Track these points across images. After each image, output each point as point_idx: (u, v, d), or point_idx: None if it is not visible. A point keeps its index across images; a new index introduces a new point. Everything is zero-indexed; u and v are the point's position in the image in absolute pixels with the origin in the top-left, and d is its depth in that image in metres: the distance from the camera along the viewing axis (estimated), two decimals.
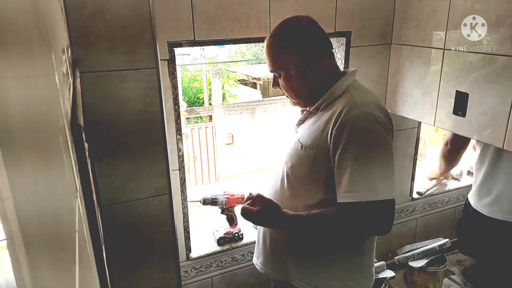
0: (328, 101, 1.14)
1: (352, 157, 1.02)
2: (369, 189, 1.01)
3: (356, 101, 1.07)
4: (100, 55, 1.07)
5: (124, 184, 1.20)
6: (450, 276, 2.38)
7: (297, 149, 1.16)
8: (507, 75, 1.38)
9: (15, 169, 0.26)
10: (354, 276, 1.22)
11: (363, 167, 1.02)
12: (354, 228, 1.09)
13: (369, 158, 1.03)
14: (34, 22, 0.42)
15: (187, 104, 10.12)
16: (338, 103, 1.10)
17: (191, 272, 1.78)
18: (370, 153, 1.03)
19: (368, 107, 1.06)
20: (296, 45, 1.14)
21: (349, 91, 1.12)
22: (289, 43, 1.14)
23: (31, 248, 0.27)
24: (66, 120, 0.56)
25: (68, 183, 0.48)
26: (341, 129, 1.03)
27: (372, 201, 1.01)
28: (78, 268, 0.43)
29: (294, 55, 1.13)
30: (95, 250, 0.66)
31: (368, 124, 1.04)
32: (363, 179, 1.02)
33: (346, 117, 1.03)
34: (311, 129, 1.14)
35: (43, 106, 0.40)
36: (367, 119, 1.04)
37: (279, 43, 1.16)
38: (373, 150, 1.04)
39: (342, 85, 1.14)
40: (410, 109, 1.87)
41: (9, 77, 0.28)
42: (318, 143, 1.10)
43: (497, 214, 1.89)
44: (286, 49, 1.14)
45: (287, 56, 1.14)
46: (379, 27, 1.85)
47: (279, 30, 1.18)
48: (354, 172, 1.02)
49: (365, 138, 1.04)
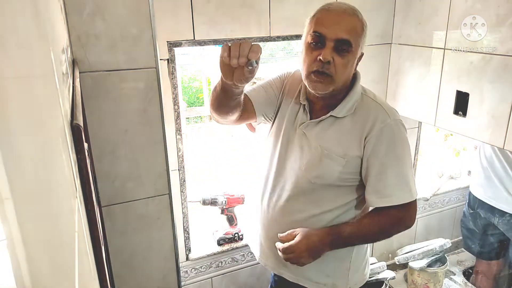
0: (351, 105, 1.12)
1: (392, 163, 1.09)
2: (406, 191, 1.11)
3: (384, 109, 1.11)
4: (99, 55, 1.07)
5: (124, 184, 1.20)
6: (451, 277, 2.38)
7: (321, 158, 1.11)
8: (507, 75, 1.38)
9: (15, 169, 0.26)
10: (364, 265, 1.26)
11: (401, 172, 1.11)
12: (390, 229, 1.17)
13: (405, 163, 1.11)
14: (34, 22, 0.42)
15: (187, 104, 10.11)
16: (365, 110, 1.12)
17: (191, 272, 1.78)
18: (405, 159, 1.11)
19: (396, 115, 1.12)
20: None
21: (367, 96, 1.15)
22: (365, 25, 1.09)
23: (30, 248, 0.27)
24: (65, 120, 0.56)
25: (67, 183, 0.48)
26: (377, 137, 1.08)
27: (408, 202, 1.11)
28: (77, 268, 0.42)
29: (365, 40, 1.10)
30: (95, 250, 0.66)
31: (400, 132, 1.11)
32: (401, 184, 1.11)
33: (381, 125, 1.08)
34: (338, 136, 1.11)
35: (42, 106, 0.40)
36: (399, 126, 1.11)
37: (366, 26, 1.09)
38: (406, 155, 1.12)
39: (358, 88, 1.15)
40: (410, 109, 1.87)
41: (9, 77, 0.28)
42: (349, 151, 1.10)
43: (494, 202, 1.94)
44: (366, 35, 1.09)
45: (364, 41, 1.10)
46: (379, 27, 1.84)
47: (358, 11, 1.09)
48: (393, 177, 1.10)
49: (400, 145, 1.11)
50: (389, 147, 1.09)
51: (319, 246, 1.11)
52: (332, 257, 1.18)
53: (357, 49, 1.06)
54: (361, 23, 1.06)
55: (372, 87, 1.93)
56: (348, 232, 1.13)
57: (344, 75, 1.06)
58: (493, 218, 1.97)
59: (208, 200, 1.70)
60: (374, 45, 1.87)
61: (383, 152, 1.09)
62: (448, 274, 2.37)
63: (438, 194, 2.42)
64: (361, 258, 1.25)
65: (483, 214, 2.03)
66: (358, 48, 1.06)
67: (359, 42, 1.06)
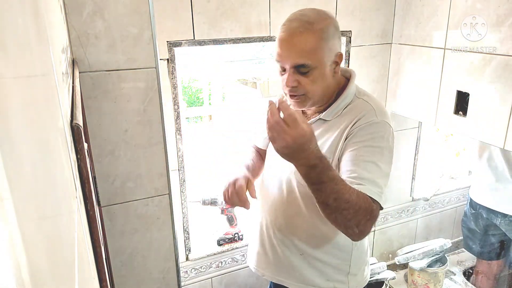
0: (342, 107, 1.09)
1: (367, 156, 0.99)
2: (375, 191, 0.96)
3: (374, 108, 1.06)
4: (99, 55, 1.07)
5: (123, 184, 1.20)
6: (451, 277, 2.38)
7: None
8: (507, 75, 1.38)
9: (15, 169, 0.26)
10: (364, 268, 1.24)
11: (375, 170, 0.98)
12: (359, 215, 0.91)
13: (381, 164, 1.00)
14: (34, 22, 0.42)
15: (187, 104, 10.13)
16: (354, 110, 1.07)
17: (190, 272, 1.78)
18: (381, 160, 1.00)
19: (385, 116, 1.06)
20: (339, 33, 1.05)
21: (360, 98, 1.10)
22: (336, 30, 1.03)
23: (30, 248, 0.27)
24: (65, 120, 0.56)
25: (67, 183, 0.48)
26: (360, 129, 1.02)
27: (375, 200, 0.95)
28: (77, 268, 0.42)
29: (337, 45, 1.04)
30: (95, 250, 0.66)
31: (384, 131, 1.03)
32: (372, 180, 0.96)
33: (365, 121, 1.03)
34: (325, 138, 1.09)
35: (42, 106, 0.40)
36: (384, 126, 1.04)
37: (328, 31, 1.01)
38: (382, 156, 1.01)
39: (352, 90, 1.10)
40: (410, 109, 1.87)
41: (8, 77, 0.28)
42: (334, 151, 1.06)
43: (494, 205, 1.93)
44: (333, 37, 1.02)
45: (333, 46, 1.02)
46: (379, 27, 1.84)
47: (320, 15, 1.02)
48: (366, 169, 0.97)
49: (378, 143, 1.01)
50: (369, 141, 1.00)
51: (304, 154, 0.85)
52: (331, 260, 1.18)
53: (320, 63, 1.01)
54: (320, 33, 0.99)
55: (372, 87, 1.94)
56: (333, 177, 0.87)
57: (318, 89, 1.04)
58: (495, 218, 1.97)
59: (208, 201, 1.70)
60: (374, 45, 1.87)
61: (361, 143, 1.00)
62: (448, 274, 2.37)
63: (438, 194, 2.42)
64: (361, 262, 1.24)
65: (485, 215, 2.02)
66: (321, 61, 1.01)
67: (320, 56, 1.00)
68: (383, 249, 2.35)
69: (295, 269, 1.21)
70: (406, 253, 2.26)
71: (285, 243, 1.20)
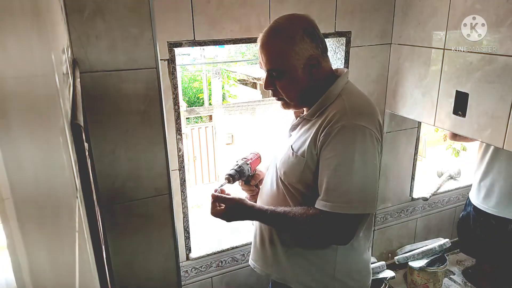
0: (322, 107, 1.09)
1: (331, 167, 1.02)
2: (342, 201, 1.01)
3: (347, 109, 1.03)
4: (100, 55, 1.07)
5: (124, 184, 1.20)
6: (450, 276, 2.38)
7: (289, 156, 1.13)
8: (507, 75, 1.38)
9: (15, 169, 0.26)
10: (354, 275, 1.22)
11: (339, 178, 1.01)
12: (317, 234, 1.10)
13: (348, 170, 1.01)
14: (34, 22, 0.42)
15: (187, 104, 10.13)
16: (329, 110, 1.06)
17: (191, 272, 1.78)
18: (349, 165, 1.01)
19: (358, 117, 1.03)
20: (312, 37, 1.06)
21: (342, 96, 1.08)
22: (305, 34, 1.05)
23: (31, 248, 0.27)
24: (66, 120, 0.56)
25: (68, 183, 0.48)
26: (327, 137, 1.02)
27: (341, 213, 1.01)
28: (77, 268, 0.43)
29: (309, 48, 1.06)
30: (95, 250, 0.66)
31: (354, 136, 1.01)
32: (337, 191, 1.01)
33: (335, 126, 1.01)
34: (304, 136, 1.10)
35: (43, 106, 0.40)
36: (354, 130, 1.01)
37: (295, 36, 1.04)
38: (353, 162, 1.01)
39: (335, 89, 1.10)
40: (410, 109, 1.87)
41: (9, 77, 0.28)
42: (309, 150, 1.07)
43: (494, 210, 1.90)
44: (301, 41, 1.05)
45: (301, 50, 1.05)
46: (379, 27, 1.85)
47: (290, 21, 1.08)
48: (331, 182, 1.02)
49: (347, 149, 1.01)
50: (333, 149, 1.01)
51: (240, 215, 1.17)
52: (315, 260, 1.17)
53: (289, 67, 1.06)
54: (285, 38, 1.05)
55: (371, 87, 1.94)
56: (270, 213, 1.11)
57: (293, 93, 1.11)
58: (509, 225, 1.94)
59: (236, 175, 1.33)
60: (374, 45, 1.87)
61: (327, 153, 1.03)
62: (447, 273, 2.37)
63: (438, 194, 2.42)
64: (351, 269, 1.20)
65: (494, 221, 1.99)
66: (290, 65, 1.06)
67: (286, 60, 1.05)
68: (383, 248, 2.36)
69: (280, 264, 1.21)
70: (405, 253, 2.26)
71: (272, 238, 1.22)
